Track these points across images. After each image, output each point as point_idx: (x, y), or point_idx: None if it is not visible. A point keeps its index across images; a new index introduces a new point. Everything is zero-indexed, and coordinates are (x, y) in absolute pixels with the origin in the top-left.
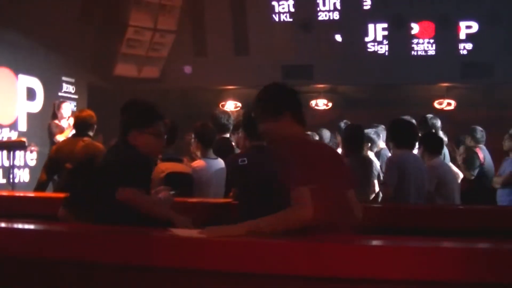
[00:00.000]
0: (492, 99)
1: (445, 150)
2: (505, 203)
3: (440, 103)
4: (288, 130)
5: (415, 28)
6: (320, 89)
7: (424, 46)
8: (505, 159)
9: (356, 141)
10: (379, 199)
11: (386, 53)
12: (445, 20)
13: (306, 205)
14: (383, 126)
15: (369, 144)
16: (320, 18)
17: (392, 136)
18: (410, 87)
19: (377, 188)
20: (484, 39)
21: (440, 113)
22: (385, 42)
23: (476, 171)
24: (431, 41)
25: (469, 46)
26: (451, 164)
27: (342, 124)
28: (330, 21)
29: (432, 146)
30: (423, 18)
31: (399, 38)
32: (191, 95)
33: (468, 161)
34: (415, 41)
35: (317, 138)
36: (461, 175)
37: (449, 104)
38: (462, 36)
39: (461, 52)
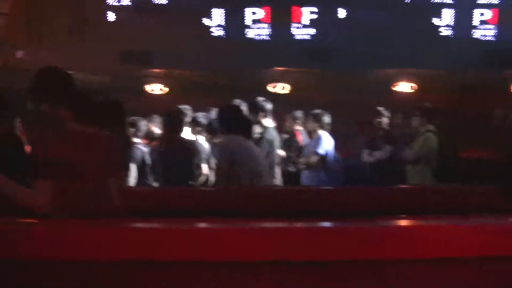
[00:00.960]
0: (328, 84)
1: (274, 134)
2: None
3: (274, 87)
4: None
5: (253, 12)
6: (157, 74)
7: (260, 31)
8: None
9: (175, 125)
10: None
11: (224, 38)
12: (281, 5)
13: (42, 195)
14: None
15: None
16: (158, 1)
17: (220, 122)
18: (246, 71)
19: (206, 171)
20: (321, 24)
21: (275, 97)
22: (223, 26)
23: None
24: (266, 25)
25: (307, 31)
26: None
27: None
28: (168, 6)
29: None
30: (260, 3)
31: (236, 22)
32: None
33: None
34: (252, 25)
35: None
36: None
37: (283, 88)
38: (299, 21)
39: (299, 37)
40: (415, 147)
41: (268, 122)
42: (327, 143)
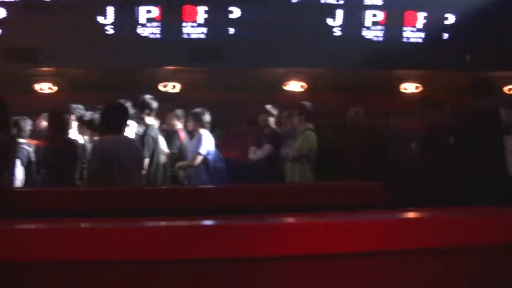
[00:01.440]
0: (220, 83)
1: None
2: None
3: (165, 86)
4: None
5: (146, 11)
6: (45, 72)
7: (151, 30)
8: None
9: (59, 125)
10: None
11: (115, 36)
12: (173, 3)
13: None
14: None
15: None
16: None
17: (101, 121)
18: (138, 70)
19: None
20: (213, 23)
21: (166, 96)
22: (115, 24)
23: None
24: (157, 24)
25: (198, 30)
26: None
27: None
28: (57, 2)
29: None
30: (152, 1)
31: (128, 20)
32: None
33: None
34: (144, 23)
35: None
36: None
37: (174, 87)
38: (190, 19)
39: (190, 36)
40: (295, 145)
41: (151, 120)
42: (207, 142)
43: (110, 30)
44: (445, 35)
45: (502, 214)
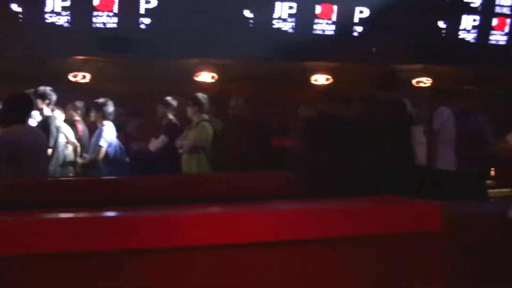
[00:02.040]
0: (131, 74)
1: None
2: None
3: (75, 76)
4: None
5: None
6: None
7: (61, 19)
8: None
9: None
10: None
11: (25, 24)
12: None
13: None
14: None
15: None
16: None
17: (4, 112)
18: (47, 60)
19: None
20: (124, 13)
21: (76, 86)
22: (23, 13)
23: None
24: (67, 13)
25: (109, 20)
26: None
27: None
28: None
29: None
30: None
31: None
32: None
33: None
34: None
35: None
36: None
37: (84, 77)
38: (101, 9)
39: (100, 25)
40: (191, 136)
41: (48, 111)
42: (109, 134)
43: (19, 19)
44: (356, 28)
45: (401, 203)
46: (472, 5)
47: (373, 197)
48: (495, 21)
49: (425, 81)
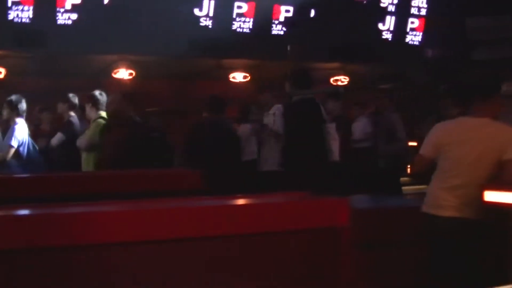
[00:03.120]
0: (48, 69)
1: None
2: None
3: None
4: None
5: None
6: None
7: None
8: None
9: None
10: None
11: None
12: None
13: None
14: None
15: None
16: None
17: None
18: None
19: None
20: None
21: None
22: None
23: None
24: None
25: (23, 14)
26: None
27: None
28: None
29: None
30: None
31: None
32: None
33: None
34: None
35: None
36: None
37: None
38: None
39: (14, 19)
40: (87, 134)
41: None
42: (21, 133)
43: None
44: (274, 26)
45: (309, 200)
46: (388, 5)
47: (283, 194)
48: (411, 22)
49: (343, 80)
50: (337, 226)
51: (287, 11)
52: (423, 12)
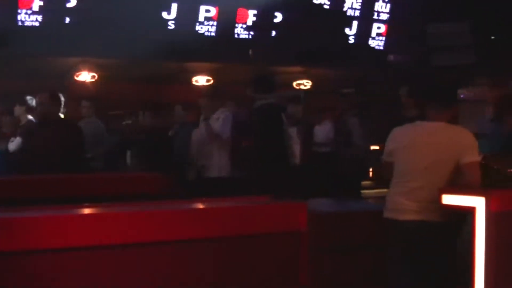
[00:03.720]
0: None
1: None
2: None
3: None
4: None
5: None
6: None
7: None
8: None
9: None
10: None
11: None
12: None
13: None
14: None
15: None
16: None
17: None
18: None
19: None
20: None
21: None
22: None
23: None
24: None
25: None
26: None
27: None
28: None
29: None
30: None
31: None
32: None
33: None
34: None
35: None
36: None
37: None
38: None
39: None
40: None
41: None
42: None
43: None
44: (237, 30)
45: (267, 204)
46: (351, 10)
47: (242, 198)
48: (375, 27)
49: (306, 84)
50: (296, 230)
51: (253, 15)
52: (385, 17)
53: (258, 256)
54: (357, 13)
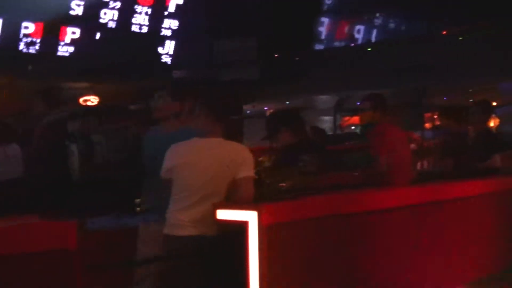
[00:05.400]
0: None
1: None
2: None
3: None
4: None
5: None
6: None
7: None
8: None
9: None
10: None
11: None
12: None
13: None
14: None
15: None
16: None
17: None
18: None
19: None
20: None
21: None
22: None
23: None
24: None
25: None
26: None
27: None
28: None
29: None
30: None
31: None
32: None
33: None
34: None
35: None
36: None
37: None
38: None
39: None
40: None
41: None
42: None
43: None
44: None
45: (35, 223)
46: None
47: (11, 218)
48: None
49: (93, 100)
50: (66, 249)
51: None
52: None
53: (28, 276)
54: (145, 29)
